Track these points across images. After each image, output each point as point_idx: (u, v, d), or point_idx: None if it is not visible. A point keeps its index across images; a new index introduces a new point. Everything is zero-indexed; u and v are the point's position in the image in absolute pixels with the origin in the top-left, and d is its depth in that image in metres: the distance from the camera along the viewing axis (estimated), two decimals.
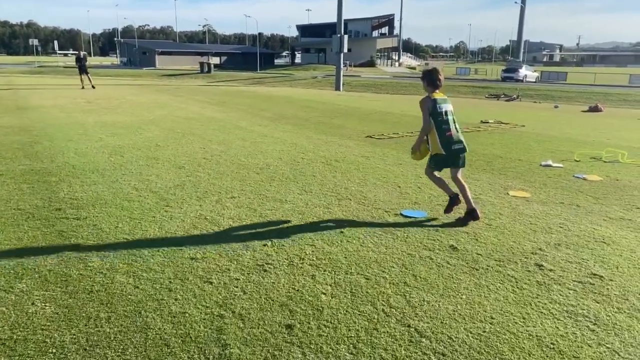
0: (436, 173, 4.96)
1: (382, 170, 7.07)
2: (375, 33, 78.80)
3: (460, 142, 4.80)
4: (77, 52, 25.57)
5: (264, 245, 4.14)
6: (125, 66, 66.11)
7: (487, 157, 8.15)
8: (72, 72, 46.57)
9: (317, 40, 74.35)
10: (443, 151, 4.74)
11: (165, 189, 5.85)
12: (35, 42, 58.32)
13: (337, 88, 30.95)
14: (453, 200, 4.93)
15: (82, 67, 23.35)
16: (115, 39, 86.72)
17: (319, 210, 5.14)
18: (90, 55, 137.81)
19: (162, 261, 3.77)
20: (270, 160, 7.58)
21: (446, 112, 4.79)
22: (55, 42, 75.47)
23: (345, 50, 30.37)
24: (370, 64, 66.94)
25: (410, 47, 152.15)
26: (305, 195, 5.68)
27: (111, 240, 4.18)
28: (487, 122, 13.18)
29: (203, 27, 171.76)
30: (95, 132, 9.94)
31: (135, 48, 71.26)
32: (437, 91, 4.88)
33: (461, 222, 4.79)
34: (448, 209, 4.96)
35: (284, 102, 18.89)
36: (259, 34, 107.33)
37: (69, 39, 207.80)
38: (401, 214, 5.04)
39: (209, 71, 46.43)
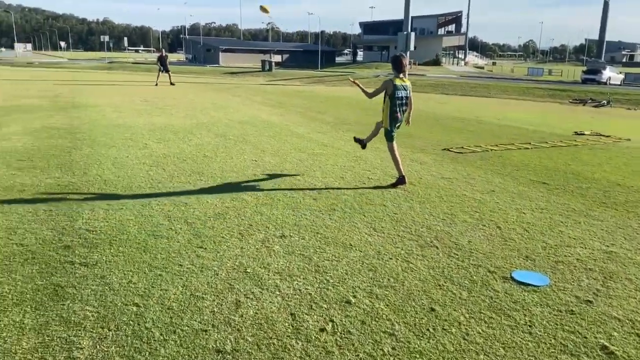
0: (396, 149, 6.17)
1: (471, 199, 5.65)
2: (441, 30, 75.91)
3: (400, 121, 6.18)
4: (159, 51, 26.53)
5: (321, 330, 2.89)
6: (190, 63, 67.23)
7: (602, 185, 6.52)
8: (138, 68, 47.65)
9: (381, 38, 72.59)
10: (389, 127, 6.11)
11: (204, 218, 4.74)
12: (107, 38, 60.49)
13: None
14: (402, 179, 6.06)
15: (162, 65, 24.03)
16: (182, 36, 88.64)
17: (396, 264, 3.84)
18: (158, 52, 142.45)
19: (176, 353, 2.61)
20: (330, 180, 6.34)
21: (401, 97, 5.96)
22: (126, 39, 78.08)
23: (412, 48, 28.66)
24: (436, 62, 64.39)
25: (476, 46, 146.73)
26: (375, 237, 4.39)
27: (117, 306, 3.08)
28: (583, 134, 11.31)
29: (267, 24, 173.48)
30: (142, 137, 9.10)
31: (200, 45, 72.35)
32: (401, 76, 5.98)
33: (393, 185, 6.04)
34: (394, 185, 6.05)
35: (345, 103, 17.63)
36: (321, 31, 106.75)
37: (140, 36, 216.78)
38: (512, 278, 3.64)
39: (270, 69, 45.95)
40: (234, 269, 3.65)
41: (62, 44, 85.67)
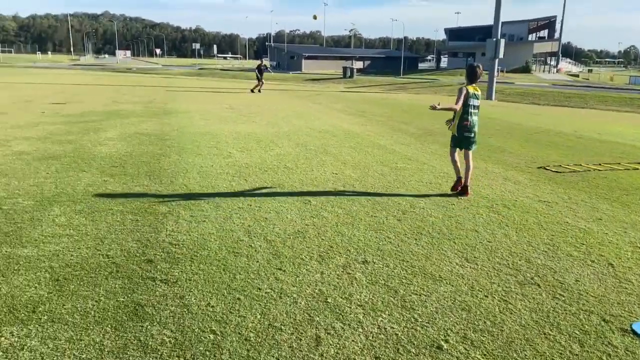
0: (455, 155, 6.20)
1: (574, 228, 5.07)
2: (531, 36, 72.23)
3: (471, 131, 6.00)
4: (259, 61, 27.29)
5: None
6: (274, 69, 69.04)
7: None
8: (226, 75, 49.53)
9: (466, 44, 70.41)
10: (456, 133, 6.03)
11: (283, 236, 4.60)
12: (197, 46, 63.70)
13: (489, 97, 28.03)
14: (457, 182, 6.21)
15: (260, 73, 24.67)
16: (267, 43, 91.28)
17: (492, 303, 3.44)
18: (245, 59, 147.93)
19: None
20: (415, 199, 5.98)
21: (472, 105, 5.94)
22: (215, 47, 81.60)
23: (501, 55, 27.33)
24: (525, 69, 61.29)
25: (570, 52, 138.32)
26: (467, 269, 4.00)
27: (194, 332, 2.97)
28: None
29: (349, 31, 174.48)
30: (226, 146, 9.23)
31: (284, 52, 74.05)
32: (474, 85, 5.98)
33: (452, 190, 6.20)
34: (453, 188, 6.24)
35: (429, 113, 17.02)
36: (404, 37, 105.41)
37: (229, 43, 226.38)
38: (633, 331, 3.12)
39: (351, 76, 45.97)
40: (314, 298, 3.44)
41: (158, 51, 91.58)
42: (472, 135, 6.02)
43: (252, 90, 24.40)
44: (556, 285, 3.74)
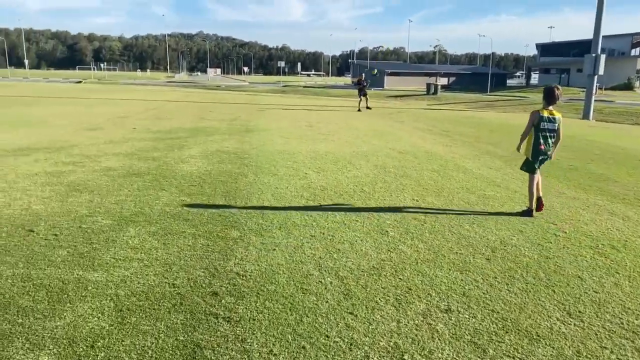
0: (534, 182, 6.05)
1: None
2: (634, 51, 66.73)
3: (546, 154, 5.96)
4: (359, 76, 26.53)
5: None
6: (355, 86, 69.20)
7: None
8: (308, 92, 50.29)
9: (560, 60, 66.58)
10: (530, 157, 6.01)
11: (356, 273, 4.23)
12: (282, 64, 65.49)
13: (586, 116, 26.02)
14: (528, 213, 6.06)
15: (361, 90, 24.26)
16: (350, 60, 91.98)
17: None
18: (328, 76, 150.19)
19: None
20: (506, 234, 5.37)
21: (546, 129, 5.84)
22: (299, 65, 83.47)
23: (601, 72, 25.32)
24: (627, 87, 56.69)
25: None
26: (571, 327, 3.40)
27: None
28: None
29: (434, 47, 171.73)
30: (303, 166, 9.06)
31: (366, 69, 74.10)
32: (551, 108, 5.83)
33: (521, 214, 6.08)
34: (523, 214, 6.08)
35: (519, 133, 15.95)
36: (492, 53, 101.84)
37: (313, 60, 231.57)
38: None
39: (435, 92, 44.88)
40: (388, 353, 3.04)
41: (245, 68, 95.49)
42: (547, 157, 6.03)
43: (359, 109, 23.86)
44: None
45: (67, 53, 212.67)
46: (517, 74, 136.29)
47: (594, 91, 26.53)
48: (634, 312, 3.63)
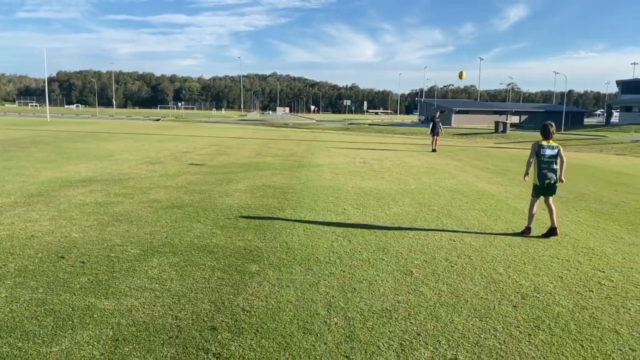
0: (535, 205, 6.85)
1: None
2: None
3: (551, 178, 6.68)
4: (434, 113, 24.27)
5: None
6: (422, 124, 68.62)
7: None
8: (372, 130, 50.42)
9: None
10: (537, 182, 6.75)
11: (366, 314, 4.02)
12: (348, 102, 66.66)
13: None
14: (527, 231, 6.85)
15: (433, 129, 22.26)
16: (417, 98, 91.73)
17: None
18: (396, 114, 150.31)
19: None
20: (543, 280, 4.93)
21: (547, 155, 6.68)
22: (365, 103, 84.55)
23: None
24: None
25: None
26: None
27: None
28: None
29: (507, 85, 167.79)
30: (344, 201, 8.94)
31: (433, 107, 73.42)
32: (549, 140, 6.77)
33: (543, 236, 6.70)
34: (522, 233, 6.84)
35: (588, 173, 14.98)
36: (569, 91, 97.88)
37: (381, 99, 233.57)
38: None
39: (503, 130, 43.48)
40: None
41: (312, 107, 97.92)
42: (553, 182, 6.68)
43: (434, 149, 22.08)
44: None
45: (151, 93, 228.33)
46: (597, 112, 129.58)
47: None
48: None
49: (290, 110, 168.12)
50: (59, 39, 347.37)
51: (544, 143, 6.72)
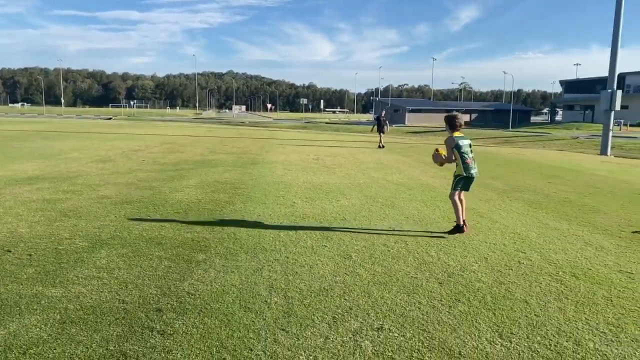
0: (457, 198, 6.53)
1: None
2: None
3: (474, 169, 6.54)
4: (380, 112, 25.59)
5: None
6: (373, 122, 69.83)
7: None
8: (329, 128, 50.97)
9: (583, 97, 66.02)
10: (464, 173, 6.46)
11: (305, 293, 4.34)
12: (305, 101, 67.17)
13: (603, 152, 25.65)
14: (460, 228, 6.54)
15: (379, 126, 23.16)
16: (372, 97, 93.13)
17: None
18: (353, 113, 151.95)
19: None
20: (468, 261, 5.40)
21: (466, 144, 6.53)
22: (322, 102, 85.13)
23: (618, 107, 25.12)
24: None
25: None
26: (497, 347, 3.42)
27: None
28: None
29: (459, 85, 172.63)
30: (294, 195, 9.25)
31: (388, 106, 74.81)
32: (458, 131, 6.57)
33: (448, 232, 6.58)
34: (452, 232, 6.58)
35: (526, 167, 15.87)
36: (518, 90, 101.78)
37: (338, 98, 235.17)
38: None
39: None
40: None
41: (269, 105, 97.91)
42: (475, 172, 6.56)
43: (381, 146, 22.61)
44: None
45: (102, 91, 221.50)
46: (544, 110, 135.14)
47: (611, 126, 26.18)
48: (566, 335, 3.63)
49: (247, 109, 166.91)
50: (3, 35, 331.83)
51: (457, 134, 6.54)
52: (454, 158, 6.54)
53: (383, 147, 22.69)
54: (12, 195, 8.55)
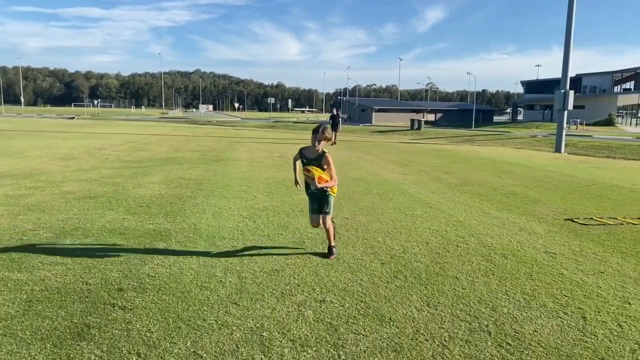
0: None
1: (567, 280, 4.76)
2: (617, 88, 68.70)
3: (312, 187, 5.34)
4: (333, 110, 27.26)
5: None
6: (345, 122, 70.53)
7: None
8: (297, 127, 51.30)
9: (543, 97, 68.24)
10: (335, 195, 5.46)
11: (257, 273, 4.72)
12: (273, 100, 67.38)
13: (557, 150, 26.87)
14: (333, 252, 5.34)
15: (333, 124, 24.69)
16: (339, 97, 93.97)
17: (429, 347, 3.33)
18: (322, 112, 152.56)
19: None
20: (410, 245, 5.89)
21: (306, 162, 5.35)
22: (290, 101, 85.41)
23: (570, 107, 26.39)
24: (608, 122, 58.10)
25: None
26: (424, 313, 3.89)
27: (122, 353, 3.15)
28: None
29: (426, 85, 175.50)
30: (256, 189, 9.61)
31: (355, 105, 75.68)
32: (316, 144, 5.27)
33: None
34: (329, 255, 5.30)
35: (480, 164, 16.63)
36: (482, 90, 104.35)
37: (307, 98, 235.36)
38: None
39: (418, 128, 45.92)
40: (251, 331, 3.52)
41: (237, 104, 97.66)
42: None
43: (334, 143, 24.03)
44: (509, 334, 3.54)
45: (64, 90, 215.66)
46: (508, 110, 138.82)
47: (564, 125, 27.44)
48: (486, 303, 4.13)
49: (215, 108, 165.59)
50: None
51: (305, 148, 5.48)
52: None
53: (334, 143, 23.58)
54: None
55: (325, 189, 5.30)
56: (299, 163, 5.58)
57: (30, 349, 3.18)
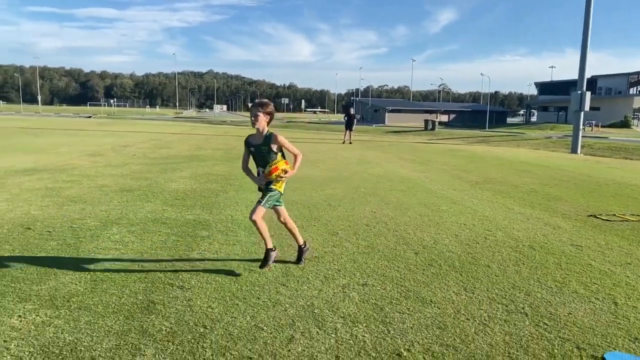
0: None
1: (596, 270, 4.98)
2: (633, 90, 68.13)
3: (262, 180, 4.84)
4: (348, 109, 27.72)
5: None
6: (358, 122, 70.70)
7: None
8: (312, 127, 51.63)
9: (557, 98, 67.88)
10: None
11: (299, 264, 5.00)
12: (286, 101, 67.90)
13: (574, 151, 26.86)
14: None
15: (348, 123, 25.25)
16: (352, 98, 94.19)
17: (471, 325, 3.58)
18: (334, 113, 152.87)
19: None
20: (441, 237, 6.14)
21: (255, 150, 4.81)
22: (303, 102, 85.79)
23: (587, 108, 26.36)
24: (623, 124, 57.72)
25: None
26: (462, 296, 4.14)
27: (189, 325, 3.44)
28: None
29: (438, 86, 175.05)
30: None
31: (368, 106, 75.86)
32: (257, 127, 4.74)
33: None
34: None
35: (498, 163, 16.78)
36: (495, 92, 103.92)
37: (319, 98, 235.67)
38: (602, 358, 3.13)
39: (432, 128, 46.03)
40: (303, 308, 3.79)
41: (250, 105, 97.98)
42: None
43: (349, 142, 24.52)
44: (545, 315, 3.78)
45: (80, 90, 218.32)
46: (521, 112, 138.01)
47: (581, 126, 27.42)
48: (519, 288, 4.37)
49: (228, 109, 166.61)
50: None
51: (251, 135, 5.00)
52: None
53: (345, 143, 24.28)
54: (16, 184, 9.02)
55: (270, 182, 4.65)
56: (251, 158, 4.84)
57: (106, 320, 3.48)
